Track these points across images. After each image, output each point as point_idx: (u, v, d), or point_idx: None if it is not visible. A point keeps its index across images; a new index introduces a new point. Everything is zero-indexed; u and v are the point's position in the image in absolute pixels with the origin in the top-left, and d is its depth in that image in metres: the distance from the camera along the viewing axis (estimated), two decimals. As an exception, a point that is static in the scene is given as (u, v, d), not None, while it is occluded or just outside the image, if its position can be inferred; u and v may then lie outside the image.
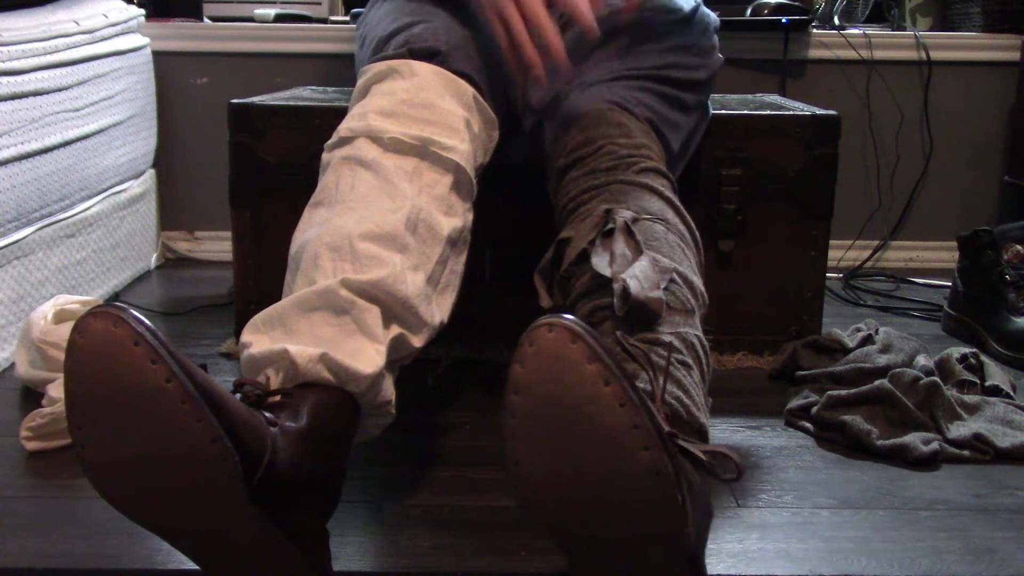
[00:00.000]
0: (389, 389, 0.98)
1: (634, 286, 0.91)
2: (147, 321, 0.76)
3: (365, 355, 0.94)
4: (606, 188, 1.10)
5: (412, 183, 1.06)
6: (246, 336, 0.96)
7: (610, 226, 1.01)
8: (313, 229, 1.03)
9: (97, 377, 0.76)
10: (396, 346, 0.99)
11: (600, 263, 0.97)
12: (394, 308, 0.99)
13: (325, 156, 1.13)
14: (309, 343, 0.93)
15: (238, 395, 0.89)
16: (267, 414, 0.86)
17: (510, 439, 0.77)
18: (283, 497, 0.84)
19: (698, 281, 1.02)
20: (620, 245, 0.98)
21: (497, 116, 1.23)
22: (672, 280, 0.98)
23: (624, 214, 1.02)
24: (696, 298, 1.01)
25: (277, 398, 0.90)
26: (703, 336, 0.98)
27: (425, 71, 1.15)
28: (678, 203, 1.11)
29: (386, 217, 1.02)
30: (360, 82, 1.19)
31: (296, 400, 0.89)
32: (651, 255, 0.98)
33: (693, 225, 1.11)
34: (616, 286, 0.93)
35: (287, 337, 0.94)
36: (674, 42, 1.35)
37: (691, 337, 0.96)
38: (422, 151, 1.08)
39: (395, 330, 0.99)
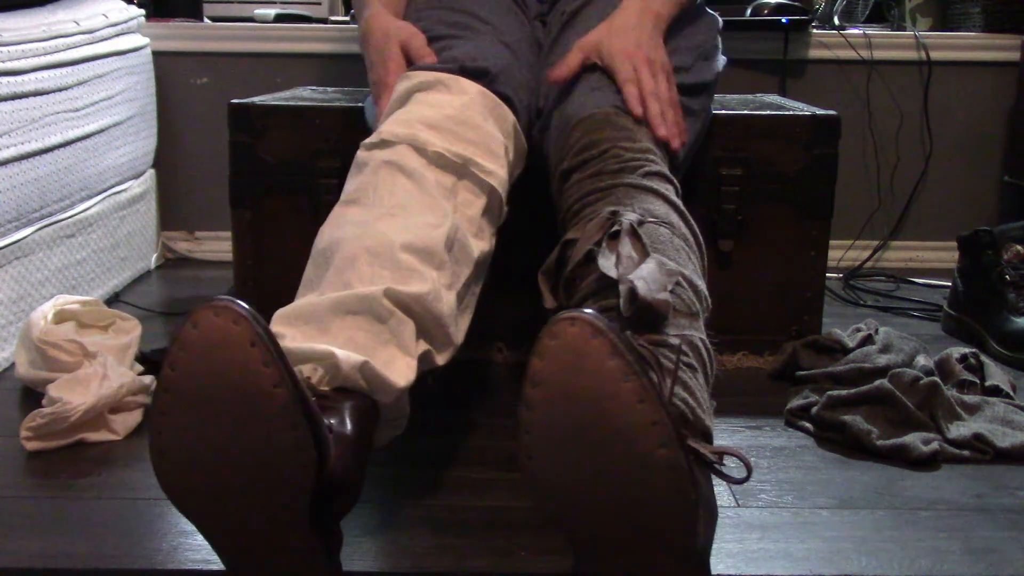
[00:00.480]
0: (407, 403, 0.99)
1: (642, 288, 0.92)
2: (263, 322, 0.77)
3: (398, 367, 0.95)
4: (612, 191, 1.10)
5: (449, 200, 1.08)
6: (277, 326, 0.96)
7: (616, 228, 1.02)
8: (349, 228, 1.03)
9: (204, 369, 0.76)
10: (422, 362, 1.00)
11: (606, 264, 0.97)
12: (427, 324, 1.00)
13: (362, 154, 1.13)
14: (347, 346, 0.93)
15: None
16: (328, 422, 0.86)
17: (525, 432, 0.77)
18: (327, 502, 0.85)
19: (702, 285, 1.03)
20: (626, 247, 0.99)
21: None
22: (678, 283, 0.98)
23: (630, 216, 1.03)
24: (701, 302, 1.01)
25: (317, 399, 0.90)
26: (707, 339, 0.98)
27: (474, 91, 1.17)
28: (682, 207, 1.12)
29: (429, 232, 1.03)
30: (402, 86, 1.19)
31: (337, 404, 0.89)
32: (657, 258, 0.98)
33: (697, 229, 1.11)
34: (623, 287, 0.93)
35: (322, 336, 0.94)
36: (679, 43, 1.35)
37: (696, 340, 0.96)
38: (462, 170, 1.10)
39: (423, 346, 1.00)
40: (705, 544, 0.83)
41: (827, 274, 1.62)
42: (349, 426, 0.88)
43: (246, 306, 0.76)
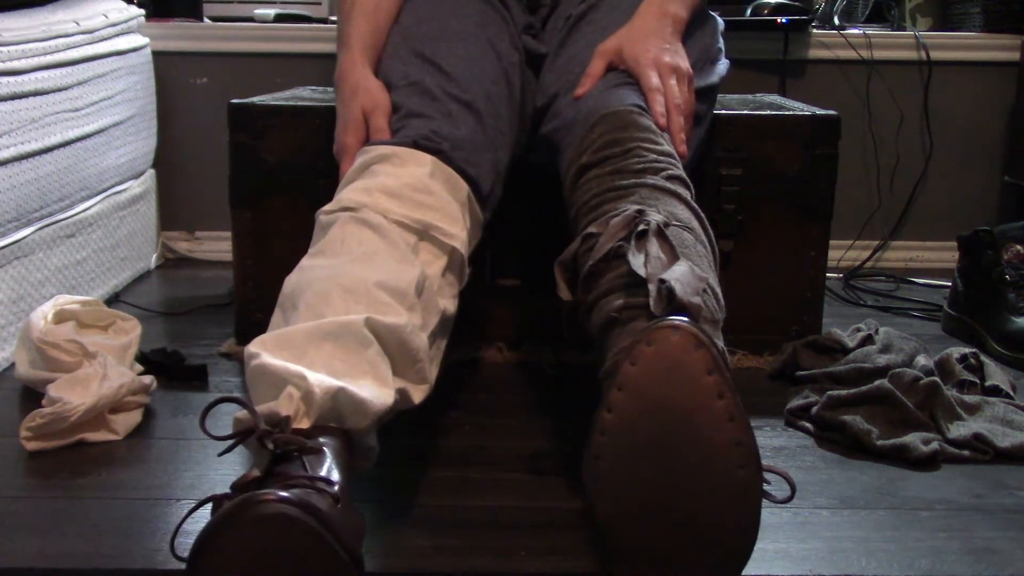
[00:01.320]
0: (375, 436, 0.98)
1: (679, 289, 0.92)
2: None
3: (372, 396, 0.93)
4: (634, 190, 1.10)
5: (417, 255, 1.09)
6: (255, 348, 0.95)
7: (642, 227, 1.02)
8: (319, 271, 1.03)
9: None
10: (400, 399, 0.99)
11: (636, 262, 0.98)
12: (402, 360, 1.00)
13: (324, 218, 1.13)
14: (323, 371, 0.91)
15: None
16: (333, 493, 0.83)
17: (600, 434, 0.78)
18: None
19: (720, 293, 1.03)
20: (654, 247, 0.99)
21: (499, 183, 1.28)
22: (704, 290, 0.98)
23: (656, 217, 1.03)
24: (721, 310, 1.01)
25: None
26: (724, 348, 0.99)
27: (428, 162, 1.18)
28: (702, 213, 1.12)
29: (400, 274, 1.03)
30: (361, 159, 1.20)
31: (324, 453, 0.86)
32: (687, 262, 0.99)
33: (713, 236, 1.11)
34: (654, 286, 0.94)
35: (299, 360, 0.92)
36: (686, 48, 1.35)
37: (720, 348, 0.96)
38: (423, 233, 1.11)
39: (399, 383, 0.99)
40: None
41: (827, 274, 1.62)
42: (339, 484, 0.84)
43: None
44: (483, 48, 1.35)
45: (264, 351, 0.94)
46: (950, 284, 1.80)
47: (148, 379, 1.34)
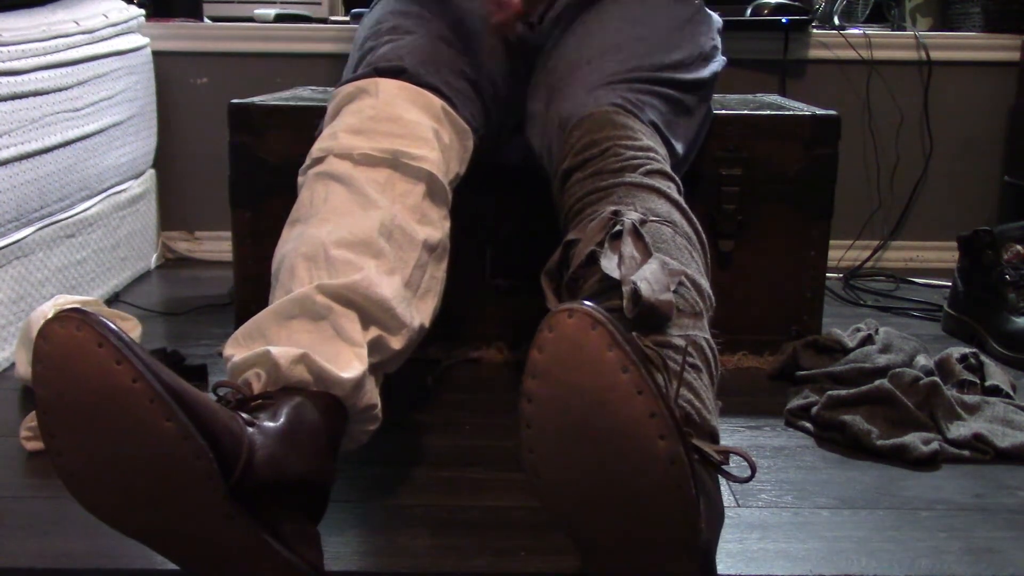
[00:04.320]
0: (373, 393, 0.99)
1: (645, 288, 0.92)
2: (110, 323, 0.76)
3: (344, 359, 0.95)
4: (613, 190, 1.10)
5: (385, 193, 1.08)
6: (228, 350, 0.97)
7: (618, 228, 1.01)
8: (290, 243, 1.05)
9: (64, 382, 0.75)
10: (376, 348, 1.00)
11: (609, 265, 0.97)
12: (371, 310, 1.00)
13: (300, 179, 1.15)
14: (289, 346, 0.94)
15: (217, 399, 0.89)
16: (244, 415, 0.86)
17: (526, 426, 0.77)
18: (266, 497, 0.84)
19: (706, 284, 1.03)
20: (628, 247, 0.99)
21: (489, 121, 1.24)
22: (681, 283, 0.98)
23: (632, 216, 1.03)
24: (704, 301, 1.01)
25: (259, 402, 0.90)
26: (711, 339, 0.98)
27: (391, 87, 1.18)
28: (685, 205, 1.11)
29: (359, 225, 1.04)
30: (331, 106, 1.22)
31: (277, 402, 0.90)
32: (660, 257, 0.98)
33: (700, 227, 1.11)
34: (626, 288, 0.93)
35: (267, 344, 0.95)
36: (680, 41, 1.35)
37: (700, 340, 0.96)
38: (393, 163, 1.11)
39: (373, 332, 1.00)
40: (709, 542, 0.83)
41: (827, 274, 1.62)
42: (283, 419, 0.87)
43: (89, 311, 0.76)
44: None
45: (236, 350, 0.96)
46: (950, 284, 1.80)
47: (148, 379, 1.33)
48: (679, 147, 1.31)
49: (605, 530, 0.80)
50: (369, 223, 1.04)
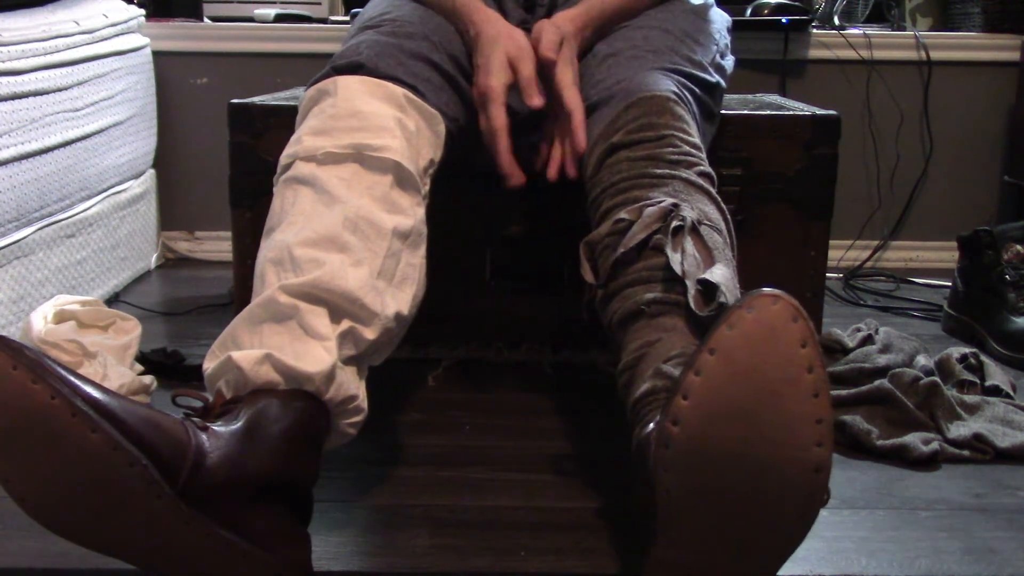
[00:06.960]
0: (350, 385, 0.97)
1: (725, 293, 0.92)
2: (24, 344, 0.76)
3: (312, 354, 0.94)
4: (668, 181, 1.09)
5: (351, 188, 1.08)
6: (205, 362, 0.97)
7: (677, 223, 1.01)
8: (261, 253, 1.05)
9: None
10: (349, 340, 0.99)
11: (675, 259, 0.98)
12: (339, 304, 0.99)
13: (274, 189, 1.14)
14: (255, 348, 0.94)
15: (182, 410, 0.90)
16: (196, 420, 0.86)
17: (683, 397, 0.75)
18: (227, 497, 0.84)
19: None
20: (690, 245, 0.99)
21: (470, 111, 1.26)
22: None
23: (690, 214, 1.03)
24: None
25: (223, 408, 0.91)
26: None
27: (350, 83, 1.18)
28: (728, 215, 1.12)
29: (323, 222, 1.04)
30: (299, 113, 1.22)
31: (240, 406, 0.90)
32: (727, 266, 0.98)
33: (735, 238, 1.11)
34: (704, 287, 0.93)
35: (236, 349, 0.96)
36: (700, 38, 1.35)
37: None
38: (357, 157, 1.10)
39: (345, 324, 0.99)
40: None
41: (827, 274, 1.61)
42: (241, 421, 0.87)
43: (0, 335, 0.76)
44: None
45: (210, 362, 0.97)
46: (950, 284, 1.80)
47: (148, 379, 1.34)
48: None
49: (715, 519, 0.79)
50: (332, 219, 1.04)
